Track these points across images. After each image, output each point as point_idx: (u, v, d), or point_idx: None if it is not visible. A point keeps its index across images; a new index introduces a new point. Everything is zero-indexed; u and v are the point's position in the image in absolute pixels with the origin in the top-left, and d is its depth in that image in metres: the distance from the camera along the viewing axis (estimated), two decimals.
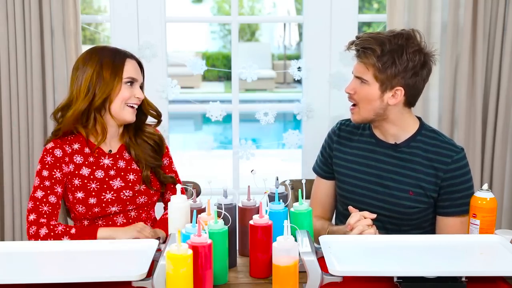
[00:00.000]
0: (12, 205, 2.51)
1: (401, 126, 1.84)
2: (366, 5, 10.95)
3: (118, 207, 1.86)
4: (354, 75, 1.82)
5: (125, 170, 1.89)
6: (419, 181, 1.81)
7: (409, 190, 1.81)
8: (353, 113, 1.84)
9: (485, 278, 1.44)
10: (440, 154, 1.81)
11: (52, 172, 1.81)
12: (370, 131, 1.91)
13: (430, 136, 1.85)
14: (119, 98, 1.83)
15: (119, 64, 1.83)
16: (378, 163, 1.86)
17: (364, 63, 1.77)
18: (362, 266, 1.45)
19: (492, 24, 2.53)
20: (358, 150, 1.91)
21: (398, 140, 1.85)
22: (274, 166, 4.07)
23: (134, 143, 1.91)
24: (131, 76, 1.84)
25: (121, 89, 1.83)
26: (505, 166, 2.60)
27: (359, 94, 1.80)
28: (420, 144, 1.83)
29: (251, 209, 1.59)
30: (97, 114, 1.83)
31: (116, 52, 1.86)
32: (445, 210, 1.81)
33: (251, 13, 12.41)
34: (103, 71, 1.81)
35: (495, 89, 2.55)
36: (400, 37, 1.75)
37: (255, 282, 1.50)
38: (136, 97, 1.86)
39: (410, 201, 1.81)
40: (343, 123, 1.98)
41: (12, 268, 1.46)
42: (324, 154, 1.99)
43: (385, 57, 1.74)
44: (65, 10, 2.42)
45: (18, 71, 2.44)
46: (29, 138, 2.49)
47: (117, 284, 1.38)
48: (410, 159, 1.83)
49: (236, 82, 2.68)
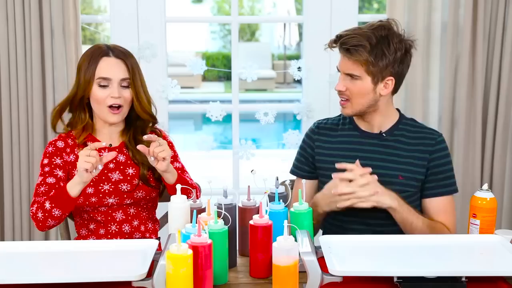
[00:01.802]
0: (12, 205, 2.51)
1: (387, 115, 1.90)
2: (366, 5, 10.95)
3: (116, 199, 1.86)
4: (342, 72, 1.83)
5: (125, 164, 1.90)
6: (407, 165, 1.85)
7: (398, 174, 1.84)
8: (345, 107, 1.86)
9: (485, 278, 1.44)
10: (424, 138, 1.88)
11: (52, 159, 1.86)
12: (352, 124, 1.94)
13: (411, 124, 1.92)
14: (93, 99, 1.83)
15: (92, 63, 1.82)
16: (365, 153, 1.88)
17: (355, 59, 1.78)
18: (362, 266, 1.45)
19: (492, 24, 2.53)
20: (341, 144, 1.93)
21: (382, 128, 1.89)
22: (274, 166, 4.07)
23: (133, 146, 1.89)
24: (102, 76, 1.81)
25: (93, 90, 1.82)
26: (505, 166, 2.60)
27: (352, 90, 1.82)
28: (404, 132, 1.89)
29: (251, 209, 1.59)
30: (81, 112, 1.86)
31: (96, 50, 1.84)
32: (433, 191, 1.85)
33: (251, 13, 12.42)
34: (81, 71, 1.83)
35: (495, 89, 2.55)
36: (383, 29, 1.79)
37: (255, 282, 1.50)
38: (112, 96, 1.81)
39: (400, 185, 1.83)
40: (321, 122, 2.01)
41: (12, 268, 1.46)
42: (304, 154, 2.00)
43: (375, 51, 1.76)
44: (65, 10, 2.42)
45: (18, 71, 2.44)
46: (29, 138, 2.49)
47: (117, 284, 1.38)
48: (395, 146, 1.87)
49: (236, 82, 2.68)
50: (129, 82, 1.84)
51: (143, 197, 1.90)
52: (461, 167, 2.57)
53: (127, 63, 1.84)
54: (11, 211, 2.51)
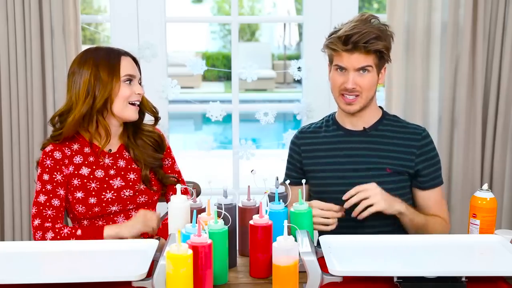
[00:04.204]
0: (12, 205, 2.51)
1: (374, 109, 1.95)
2: (366, 5, 10.95)
3: (119, 206, 1.85)
4: (353, 69, 1.84)
5: (125, 169, 1.89)
6: (394, 159, 1.89)
7: (386, 167, 1.88)
8: (355, 103, 1.87)
9: (485, 278, 1.44)
10: (409, 133, 1.92)
11: (52, 175, 1.79)
12: (336, 125, 1.98)
13: (394, 120, 1.97)
14: (120, 97, 1.81)
15: (115, 63, 1.81)
16: (351, 151, 1.92)
17: (368, 51, 1.81)
18: (362, 266, 1.45)
19: (492, 24, 2.53)
20: (327, 145, 1.96)
21: (367, 124, 1.93)
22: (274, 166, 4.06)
23: (133, 143, 1.90)
24: (129, 73, 1.82)
25: (121, 88, 1.81)
26: (505, 166, 2.60)
27: (362, 84, 1.85)
28: (388, 127, 1.94)
29: (251, 209, 1.59)
30: (99, 116, 1.81)
31: (110, 52, 1.83)
32: (425, 184, 1.91)
33: (251, 13, 12.42)
34: (100, 72, 1.78)
35: (495, 89, 2.55)
36: (373, 19, 1.86)
37: (255, 282, 1.50)
38: (137, 93, 1.84)
39: (388, 177, 1.87)
40: (303, 127, 2.06)
41: (12, 268, 1.46)
42: (291, 161, 2.03)
43: (385, 38, 1.84)
44: (65, 10, 2.42)
45: (18, 71, 2.44)
46: (29, 138, 2.49)
47: (117, 284, 1.38)
48: (381, 141, 1.91)
49: (236, 82, 2.68)
50: (140, 80, 1.89)
51: (146, 201, 1.90)
52: (461, 167, 2.57)
53: (138, 63, 1.89)
54: (11, 211, 2.51)
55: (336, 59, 1.86)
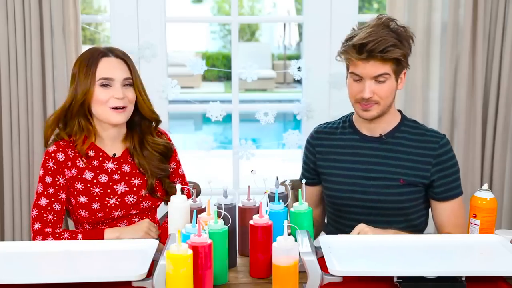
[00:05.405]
0: (12, 205, 2.51)
1: (393, 114, 1.88)
2: (366, 5, 10.95)
3: (122, 211, 1.82)
4: (369, 77, 1.75)
5: (130, 174, 1.85)
6: (409, 169, 1.82)
7: (400, 178, 1.83)
8: (372, 109, 1.79)
9: (485, 278, 1.44)
10: (426, 141, 1.85)
11: (55, 178, 1.76)
12: (352, 128, 1.92)
13: (413, 126, 1.89)
14: (96, 101, 1.76)
15: (92, 65, 1.75)
16: (365, 157, 1.87)
17: (383, 61, 1.73)
18: (362, 266, 1.45)
19: (492, 24, 2.53)
20: (341, 148, 1.91)
21: (383, 131, 1.87)
22: (274, 166, 4.07)
23: (139, 153, 1.85)
24: (104, 76, 1.75)
25: (95, 91, 1.75)
26: (505, 166, 2.60)
27: (379, 92, 1.77)
28: (405, 134, 1.86)
29: (251, 209, 1.59)
30: (81, 118, 1.79)
31: (93, 52, 1.79)
32: (442, 195, 1.84)
33: (251, 13, 12.43)
34: (79, 73, 1.76)
35: (495, 89, 2.55)
36: (391, 22, 1.77)
37: (255, 282, 1.49)
38: (116, 97, 1.76)
39: (401, 188, 1.82)
40: (319, 127, 2.00)
41: (12, 268, 1.46)
42: (306, 161, 1.99)
43: (403, 46, 1.76)
44: (65, 10, 2.42)
45: (18, 71, 2.44)
46: (29, 138, 2.49)
47: (117, 284, 1.38)
48: (396, 149, 1.85)
49: (236, 82, 2.68)
50: (132, 82, 1.81)
51: (149, 207, 1.88)
52: (461, 167, 2.56)
53: (128, 63, 1.81)
54: (11, 211, 2.51)
55: (352, 67, 1.78)
